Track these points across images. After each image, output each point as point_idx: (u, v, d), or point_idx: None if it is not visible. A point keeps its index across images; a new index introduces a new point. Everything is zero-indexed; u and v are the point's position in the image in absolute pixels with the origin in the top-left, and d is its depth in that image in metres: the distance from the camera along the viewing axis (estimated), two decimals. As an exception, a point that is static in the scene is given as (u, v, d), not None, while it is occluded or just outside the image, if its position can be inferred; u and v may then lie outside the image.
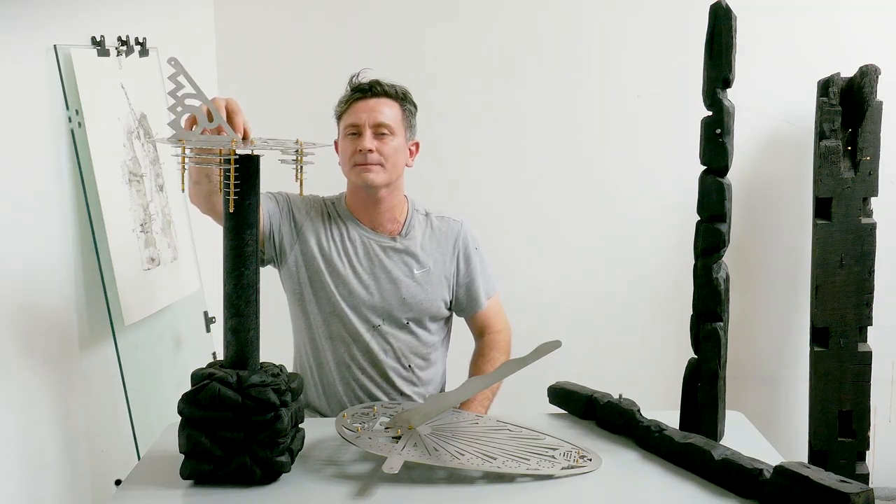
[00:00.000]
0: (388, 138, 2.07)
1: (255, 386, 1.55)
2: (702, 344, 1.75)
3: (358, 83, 2.12)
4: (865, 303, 3.03)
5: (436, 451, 1.62)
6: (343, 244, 2.12)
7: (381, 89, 2.09)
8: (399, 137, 2.09)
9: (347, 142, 2.08)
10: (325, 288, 2.09)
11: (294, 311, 2.17)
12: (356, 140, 2.06)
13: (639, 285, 3.33)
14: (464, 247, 2.19)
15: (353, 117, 2.07)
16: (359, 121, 2.06)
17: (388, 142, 2.07)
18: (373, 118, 2.06)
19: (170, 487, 1.57)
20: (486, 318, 2.23)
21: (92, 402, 2.18)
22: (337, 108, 2.14)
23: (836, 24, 3.17)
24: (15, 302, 1.89)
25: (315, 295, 2.10)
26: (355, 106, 2.08)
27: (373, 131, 2.06)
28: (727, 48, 1.66)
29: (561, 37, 3.24)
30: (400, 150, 2.10)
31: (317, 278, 2.10)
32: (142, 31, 2.44)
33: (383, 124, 2.06)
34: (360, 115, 2.07)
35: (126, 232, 2.23)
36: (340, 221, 2.14)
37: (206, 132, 1.61)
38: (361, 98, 2.08)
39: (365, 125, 2.06)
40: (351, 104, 2.09)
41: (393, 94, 2.11)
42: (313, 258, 2.09)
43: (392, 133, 2.08)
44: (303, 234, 2.10)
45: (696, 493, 1.54)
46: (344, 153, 2.10)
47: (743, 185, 3.21)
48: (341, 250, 2.11)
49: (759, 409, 3.23)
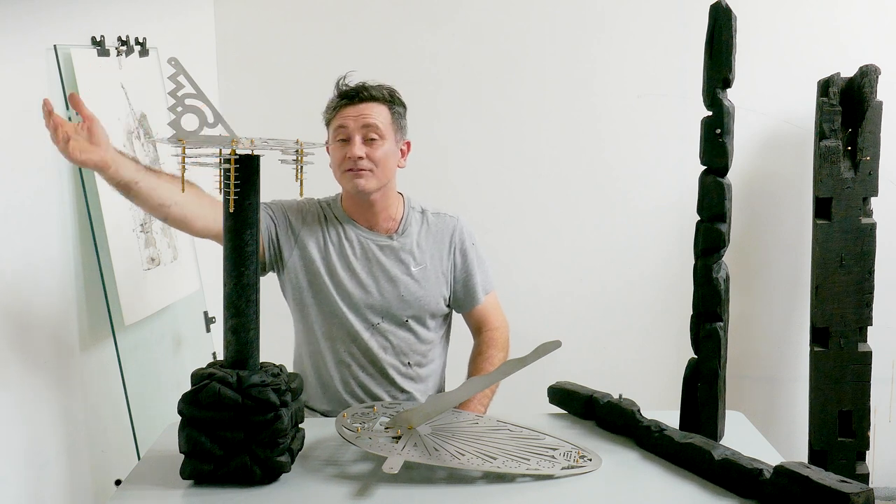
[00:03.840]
0: (377, 143, 2.06)
1: (255, 386, 1.55)
2: (702, 344, 1.75)
3: (344, 88, 2.10)
4: (865, 303, 3.02)
5: (436, 451, 1.62)
6: (340, 245, 2.12)
7: (368, 94, 2.08)
8: (389, 141, 2.09)
9: (337, 148, 2.08)
10: (324, 290, 2.09)
11: (295, 315, 2.18)
12: (346, 146, 2.06)
13: (639, 285, 3.33)
14: (460, 242, 2.19)
15: (340, 122, 2.06)
16: (347, 127, 2.05)
17: (378, 147, 2.06)
18: (361, 123, 2.05)
19: (170, 487, 1.57)
20: (484, 315, 2.24)
21: (92, 402, 2.19)
22: (325, 114, 2.13)
23: (836, 24, 3.17)
24: (15, 302, 1.89)
25: (314, 297, 2.10)
26: (343, 112, 2.07)
27: (362, 137, 2.05)
28: (727, 48, 1.66)
29: (561, 37, 3.24)
30: (390, 153, 2.09)
31: (315, 281, 2.10)
32: (142, 31, 2.44)
33: (372, 129, 2.05)
34: (348, 121, 2.06)
35: (126, 232, 2.23)
36: (337, 223, 2.14)
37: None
38: (349, 104, 2.07)
39: (354, 132, 2.05)
40: (339, 110, 2.08)
41: (380, 98, 2.09)
42: (312, 262, 2.10)
43: (381, 137, 2.07)
44: (301, 240, 2.11)
45: (696, 493, 1.54)
46: (334, 159, 2.10)
47: (743, 185, 3.21)
48: (339, 251, 2.11)
49: (759, 409, 3.23)
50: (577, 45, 3.25)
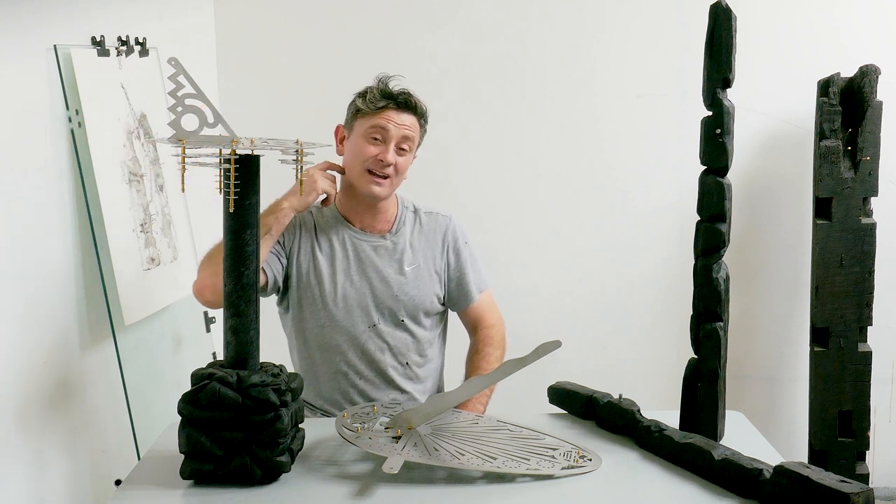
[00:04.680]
0: (406, 154, 2.08)
1: (255, 386, 1.55)
2: (702, 344, 1.75)
3: (392, 90, 2.08)
4: (865, 303, 3.03)
5: (436, 451, 1.62)
6: (332, 250, 2.11)
7: (414, 105, 2.08)
8: (412, 154, 2.11)
9: (365, 144, 2.05)
10: (318, 300, 2.09)
11: (288, 330, 2.18)
12: (378, 147, 2.05)
13: (639, 285, 3.33)
14: (453, 241, 2.19)
15: (381, 123, 2.04)
16: (388, 131, 2.04)
17: (406, 158, 2.08)
18: (401, 132, 2.05)
19: (170, 487, 1.57)
20: (479, 313, 2.23)
21: (92, 402, 2.19)
22: (361, 103, 2.07)
23: (836, 24, 3.17)
24: (15, 302, 1.89)
25: (312, 307, 2.10)
26: (386, 113, 2.04)
27: (396, 144, 2.05)
28: (727, 48, 1.66)
29: (561, 36, 3.24)
30: (409, 165, 2.11)
31: (308, 293, 2.09)
32: (142, 31, 2.44)
33: (408, 141, 2.07)
34: (390, 125, 2.04)
35: (126, 232, 2.23)
36: (329, 227, 2.13)
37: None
38: (395, 108, 2.05)
39: (392, 137, 2.05)
40: (381, 109, 2.05)
41: (419, 112, 2.10)
42: (306, 274, 2.10)
43: (411, 150, 2.09)
44: (294, 258, 2.11)
45: (696, 493, 1.54)
46: (358, 154, 2.06)
47: (743, 185, 3.21)
48: (331, 257, 2.11)
49: (759, 409, 3.23)
50: (577, 45, 3.25)
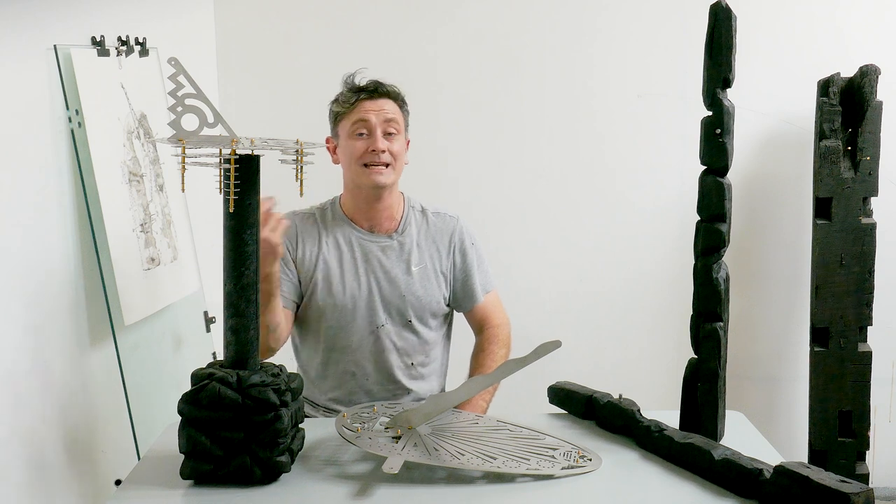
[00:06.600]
0: (395, 137, 2.09)
1: (255, 386, 1.55)
2: (702, 344, 1.75)
3: (360, 83, 2.12)
4: (865, 303, 3.03)
5: (436, 451, 1.62)
6: (339, 252, 2.12)
7: (385, 90, 2.11)
8: (402, 136, 2.12)
9: (353, 142, 2.07)
10: (327, 301, 2.09)
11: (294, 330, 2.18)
12: (366, 140, 2.06)
13: (639, 285, 3.33)
14: (459, 242, 2.19)
15: (360, 116, 2.07)
16: (369, 121, 2.06)
17: (396, 141, 2.09)
18: (382, 117, 2.07)
19: (170, 487, 1.57)
20: (485, 313, 2.23)
21: (92, 402, 2.18)
22: (336, 107, 2.13)
23: (836, 24, 3.17)
24: (15, 302, 1.88)
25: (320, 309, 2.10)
26: (362, 105, 2.08)
27: (382, 131, 2.06)
28: (727, 48, 1.66)
29: (561, 36, 3.24)
30: (404, 148, 2.13)
31: (316, 296, 2.10)
32: (142, 31, 2.44)
33: (392, 123, 2.08)
34: (369, 115, 2.06)
35: (126, 232, 2.23)
36: (335, 229, 2.14)
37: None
38: (367, 98, 2.08)
39: (375, 125, 2.06)
40: (356, 104, 2.08)
41: (394, 95, 2.12)
42: (313, 277, 2.10)
43: (399, 132, 2.10)
44: (301, 266, 2.11)
45: (696, 493, 1.54)
46: (351, 153, 2.08)
47: (743, 185, 3.21)
48: (338, 259, 2.11)
49: (759, 409, 3.23)
50: (577, 45, 3.25)
